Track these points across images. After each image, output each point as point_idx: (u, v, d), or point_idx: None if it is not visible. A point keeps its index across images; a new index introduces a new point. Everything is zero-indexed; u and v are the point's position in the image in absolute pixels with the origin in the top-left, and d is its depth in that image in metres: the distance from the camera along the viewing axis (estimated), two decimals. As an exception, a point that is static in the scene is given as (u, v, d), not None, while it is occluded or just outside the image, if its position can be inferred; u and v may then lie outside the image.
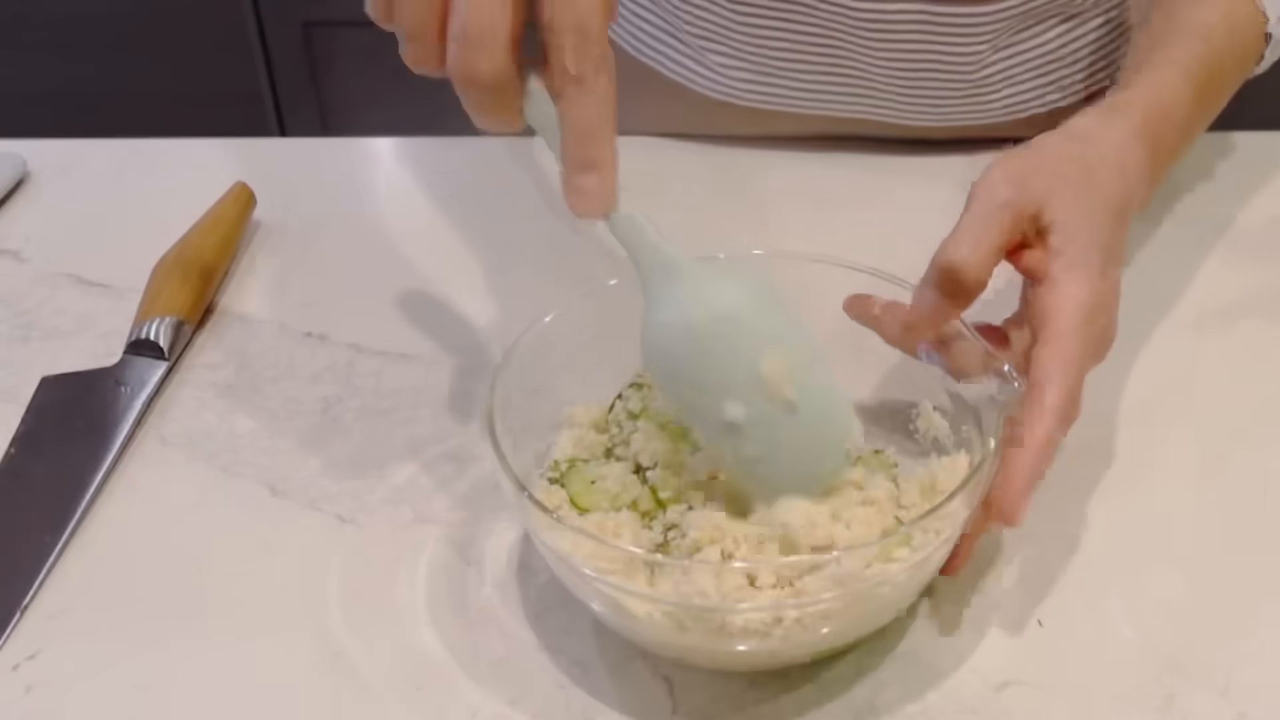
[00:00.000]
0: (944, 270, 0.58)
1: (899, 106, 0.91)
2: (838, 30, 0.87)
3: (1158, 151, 0.67)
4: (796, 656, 0.56)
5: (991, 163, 0.62)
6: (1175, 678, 0.56)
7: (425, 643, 0.60)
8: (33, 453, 0.71)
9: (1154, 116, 0.67)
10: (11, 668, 0.60)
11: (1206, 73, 0.72)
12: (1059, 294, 0.58)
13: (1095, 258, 0.60)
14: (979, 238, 0.58)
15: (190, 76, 2.06)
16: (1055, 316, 0.58)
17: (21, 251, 0.89)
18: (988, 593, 0.61)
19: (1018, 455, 0.55)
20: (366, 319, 0.80)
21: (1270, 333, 0.76)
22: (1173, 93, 0.70)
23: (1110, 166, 0.63)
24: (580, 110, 0.49)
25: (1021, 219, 0.59)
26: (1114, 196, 0.62)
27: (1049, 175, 0.61)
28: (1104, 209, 0.61)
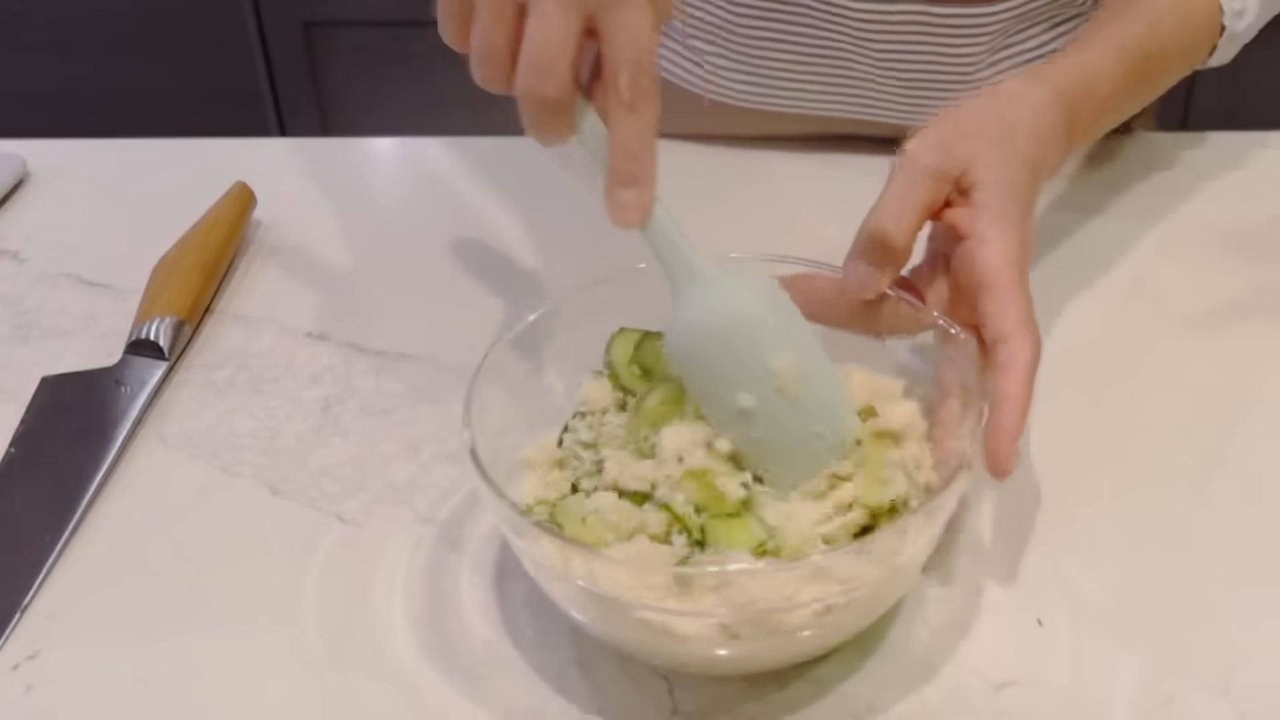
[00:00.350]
0: (871, 239, 0.61)
1: (896, 108, 0.91)
2: (835, 31, 0.87)
3: (1074, 120, 0.69)
4: (829, 644, 0.57)
5: (917, 130, 0.65)
6: (1175, 678, 0.56)
7: (424, 642, 0.60)
8: (33, 453, 0.71)
9: (1075, 88, 0.70)
10: (11, 668, 0.60)
11: (1144, 54, 0.74)
12: (991, 248, 0.61)
13: (1016, 212, 0.62)
14: (903, 204, 0.62)
15: (190, 76, 2.06)
16: (996, 272, 0.60)
17: (21, 251, 0.89)
18: (987, 593, 0.61)
19: (1007, 409, 0.57)
20: (366, 319, 0.80)
21: (1270, 333, 0.76)
22: (1101, 69, 0.72)
23: (1028, 126, 0.66)
24: (628, 132, 0.54)
25: (945, 182, 0.63)
26: (1030, 155, 0.65)
27: (972, 137, 0.64)
28: (1021, 166, 0.64)
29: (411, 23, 2.02)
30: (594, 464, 0.59)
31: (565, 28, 0.52)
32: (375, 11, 2.02)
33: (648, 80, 0.54)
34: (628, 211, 0.55)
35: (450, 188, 0.94)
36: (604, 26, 0.53)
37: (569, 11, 0.52)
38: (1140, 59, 0.74)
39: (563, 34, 0.52)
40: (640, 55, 0.53)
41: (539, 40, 0.52)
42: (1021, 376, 0.58)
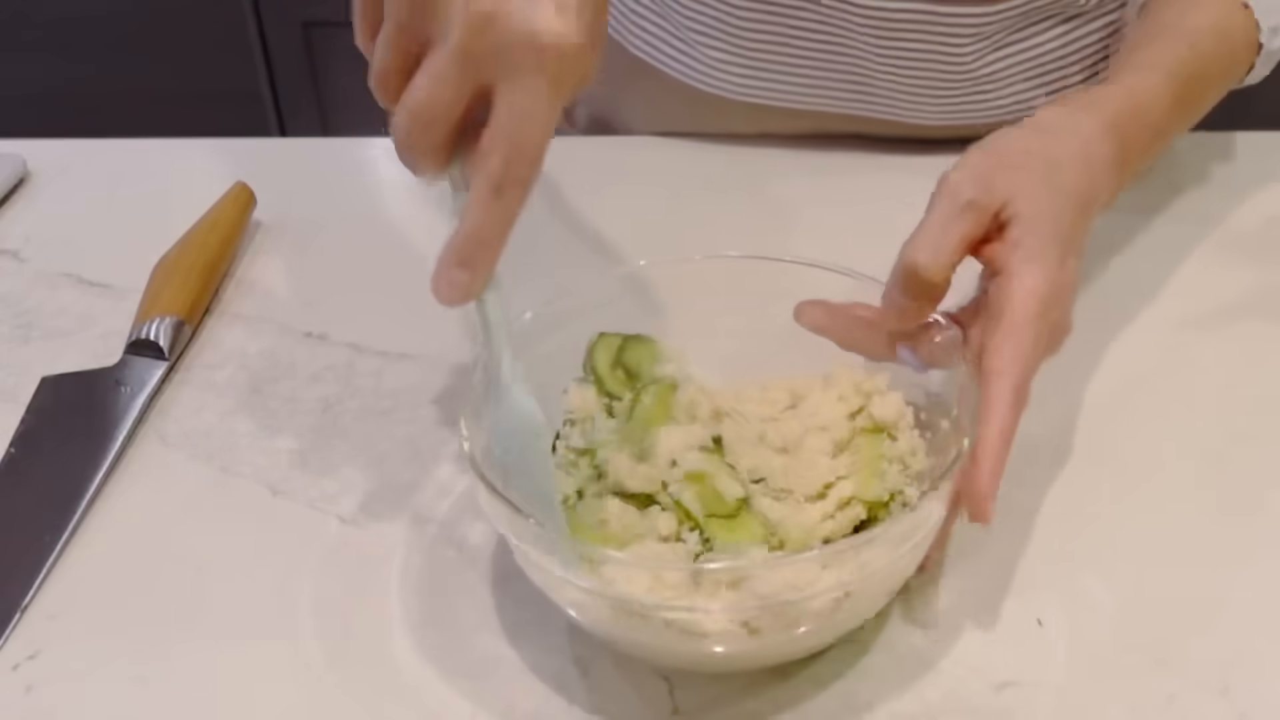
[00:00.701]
0: (907, 273, 0.59)
1: (897, 104, 0.91)
2: (837, 26, 0.87)
3: (1126, 149, 0.67)
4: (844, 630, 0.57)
5: (957, 161, 0.63)
6: (1175, 678, 0.56)
7: (425, 642, 0.60)
8: (33, 453, 0.71)
9: (1126, 114, 0.68)
10: (11, 668, 0.60)
11: (1188, 77, 0.72)
12: (1015, 285, 0.59)
13: (1054, 250, 0.60)
14: (941, 239, 0.60)
15: (190, 76, 2.06)
16: (1010, 308, 0.59)
17: (21, 251, 0.89)
18: (988, 593, 0.61)
19: (980, 451, 0.56)
20: (366, 319, 0.80)
21: (1269, 333, 0.76)
22: (1150, 94, 0.70)
23: (1075, 159, 0.64)
24: (483, 216, 0.52)
25: (985, 216, 0.60)
26: (1077, 189, 0.63)
27: (1012, 170, 0.62)
28: (1066, 201, 0.62)
29: (411, 23, 2.02)
30: (593, 469, 0.59)
31: (454, 92, 0.51)
32: (375, 11, 2.02)
33: (524, 168, 0.52)
34: (454, 291, 0.54)
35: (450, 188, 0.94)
36: (496, 100, 0.51)
37: (463, 76, 0.51)
38: (1186, 82, 0.72)
39: (449, 98, 0.51)
40: (524, 141, 0.51)
41: (424, 94, 0.51)
42: (997, 419, 0.56)
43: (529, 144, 0.51)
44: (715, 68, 0.93)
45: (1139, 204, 0.88)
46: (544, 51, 0.50)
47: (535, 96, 0.51)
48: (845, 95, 0.92)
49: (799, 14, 0.88)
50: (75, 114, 2.06)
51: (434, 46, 0.51)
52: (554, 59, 0.50)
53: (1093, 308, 0.79)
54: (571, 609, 0.55)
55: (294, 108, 2.11)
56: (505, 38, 0.50)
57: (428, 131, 0.52)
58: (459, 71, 0.51)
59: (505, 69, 0.50)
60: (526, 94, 0.51)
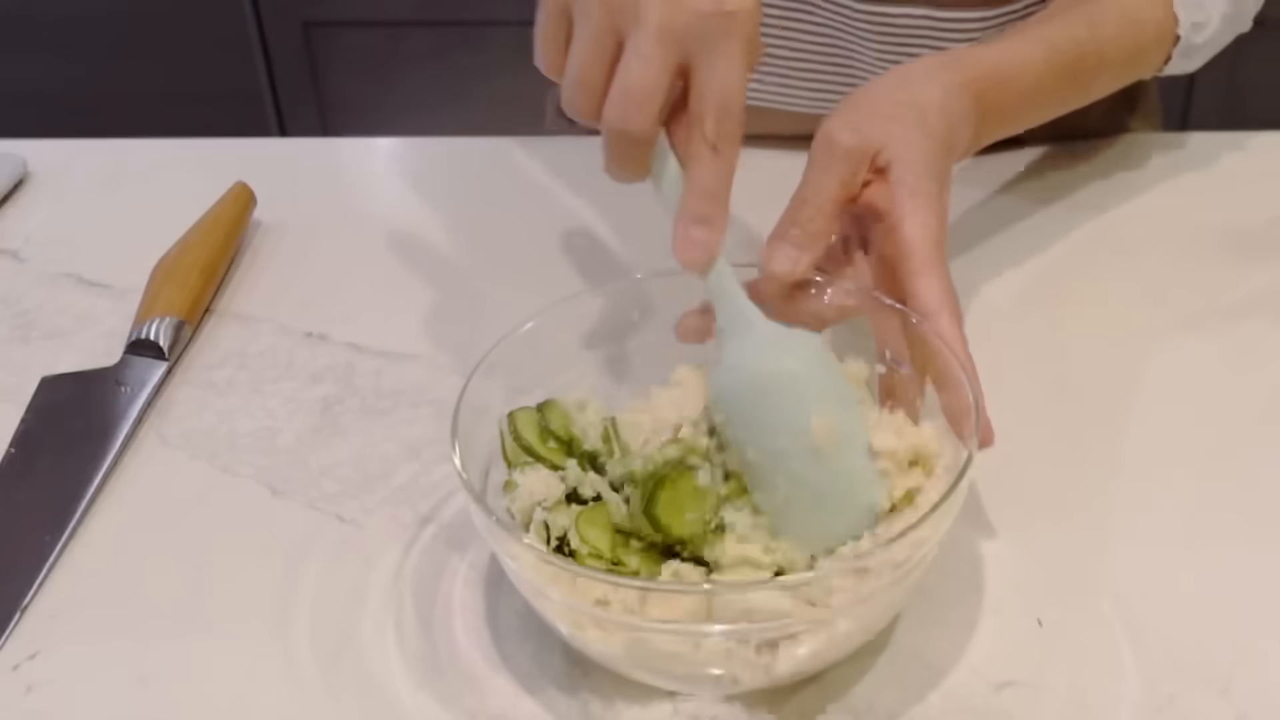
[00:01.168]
0: (790, 217, 0.63)
1: None
2: (840, 32, 0.87)
3: (984, 108, 0.71)
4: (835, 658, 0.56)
5: (830, 113, 0.66)
6: (1175, 678, 0.56)
7: (425, 643, 0.60)
8: (33, 453, 0.71)
9: (987, 79, 0.71)
10: (11, 668, 0.60)
11: (1078, 54, 0.76)
12: (910, 223, 0.62)
13: (932, 187, 0.64)
14: (820, 183, 0.63)
15: (190, 76, 2.06)
16: (917, 247, 0.62)
17: (21, 251, 0.89)
18: (988, 593, 0.61)
19: (966, 379, 0.58)
20: (366, 319, 0.80)
21: (1271, 332, 0.76)
22: (1022, 62, 0.73)
23: (936, 107, 0.68)
24: (708, 172, 0.55)
25: (862, 161, 0.64)
26: (942, 135, 0.67)
27: (886, 119, 0.66)
28: (935, 146, 0.66)
29: (411, 23, 2.02)
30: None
31: (661, 67, 0.53)
32: (375, 11, 2.03)
33: (733, 125, 0.55)
34: (696, 249, 0.56)
35: (450, 188, 0.94)
36: (697, 70, 0.54)
37: (667, 52, 0.53)
38: (1074, 59, 0.75)
39: (658, 74, 0.53)
40: (729, 101, 0.54)
41: (634, 77, 0.53)
42: (959, 350, 0.59)
43: (734, 102, 0.54)
44: None
45: (1138, 204, 0.88)
46: (732, 18, 0.54)
47: (731, 60, 0.54)
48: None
49: (800, 17, 0.88)
50: (75, 114, 2.06)
51: (630, 34, 0.54)
52: (741, 23, 0.54)
53: (1094, 308, 0.79)
54: (560, 625, 0.55)
55: (294, 108, 2.12)
56: (697, 9, 0.53)
57: (643, 110, 0.54)
58: (663, 49, 0.53)
59: (702, 39, 0.54)
60: (724, 58, 0.54)
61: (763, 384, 0.56)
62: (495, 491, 0.60)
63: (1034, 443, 0.68)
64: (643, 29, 0.53)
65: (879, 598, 0.53)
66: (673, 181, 0.57)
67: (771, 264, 0.63)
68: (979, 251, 0.85)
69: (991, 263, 0.83)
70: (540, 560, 0.53)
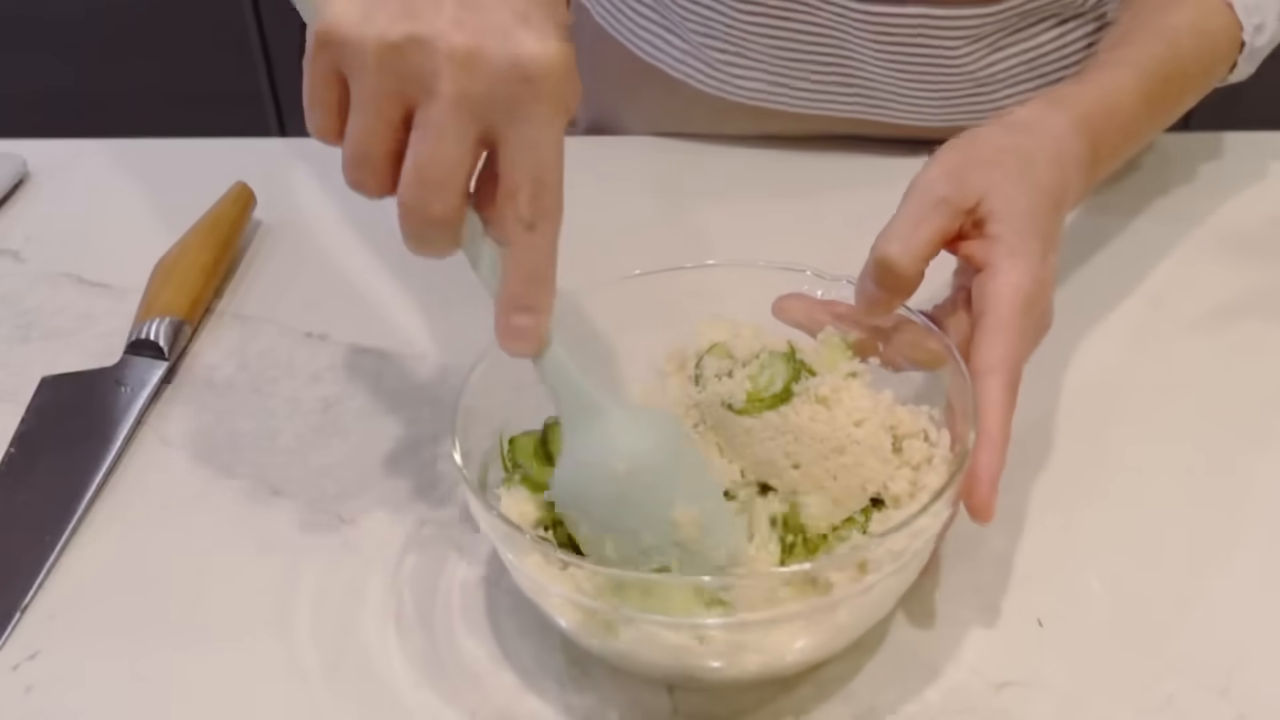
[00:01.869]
0: (879, 264, 0.60)
1: (898, 107, 0.91)
2: (838, 31, 0.87)
3: (1097, 147, 0.67)
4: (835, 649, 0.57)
5: (930, 157, 0.63)
6: (1175, 678, 0.56)
7: (424, 643, 0.60)
8: (33, 453, 0.71)
9: (1097, 113, 0.68)
10: (11, 668, 0.60)
11: (1164, 75, 0.72)
12: (1000, 281, 0.59)
13: (1035, 245, 0.60)
14: (912, 233, 0.60)
15: (190, 76, 2.06)
16: (996, 305, 0.58)
17: (21, 251, 0.89)
18: (988, 593, 0.61)
19: (981, 451, 0.55)
20: (366, 319, 0.80)
21: (1269, 333, 0.76)
22: (1121, 93, 0.70)
23: (1048, 156, 0.64)
24: (528, 255, 0.51)
25: (958, 213, 0.61)
26: (1050, 186, 0.63)
27: (986, 166, 0.62)
28: (1041, 197, 0.62)
29: (411, 23, 2.02)
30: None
31: (460, 143, 0.48)
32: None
33: (550, 198, 0.50)
34: (522, 339, 0.52)
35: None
36: (504, 141, 0.49)
37: (466, 124, 0.48)
38: (1161, 81, 0.72)
39: (457, 150, 0.49)
40: (543, 172, 0.49)
41: (429, 156, 0.48)
42: (991, 419, 0.56)
43: (549, 174, 0.50)
44: (718, 69, 0.93)
45: (1138, 205, 0.87)
46: (537, 78, 0.48)
47: (539, 126, 0.49)
48: (847, 98, 0.92)
49: (799, 17, 0.88)
50: (75, 114, 2.06)
51: (421, 104, 0.48)
52: (546, 85, 0.48)
53: (1092, 307, 0.79)
54: (561, 620, 0.55)
55: (294, 108, 2.09)
56: (495, 73, 0.48)
57: (443, 191, 0.49)
58: (460, 121, 0.48)
59: (505, 107, 0.48)
60: (532, 125, 0.49)
61: (619, 485, 0.53)
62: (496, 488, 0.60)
63: (1034, 442, 0.68)
64: (436, 99, 0.48)
65: (879, 587, 0.53)
66: (489, 264, 0.52)
67: (857, 305, 0.61)
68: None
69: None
70: (544, 557, 0.53)
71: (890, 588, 0.55)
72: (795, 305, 0.63)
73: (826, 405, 0.58)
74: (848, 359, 0.60)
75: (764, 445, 0.58)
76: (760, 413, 0.58)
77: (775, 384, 0.58)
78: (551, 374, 0.54)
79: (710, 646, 0.52)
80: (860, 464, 0.57)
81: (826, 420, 0.57)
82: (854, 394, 0.58)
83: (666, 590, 0.52)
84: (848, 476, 0.57)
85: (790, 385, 0.58)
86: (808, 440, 0.57)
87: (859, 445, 0.57)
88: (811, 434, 0.57)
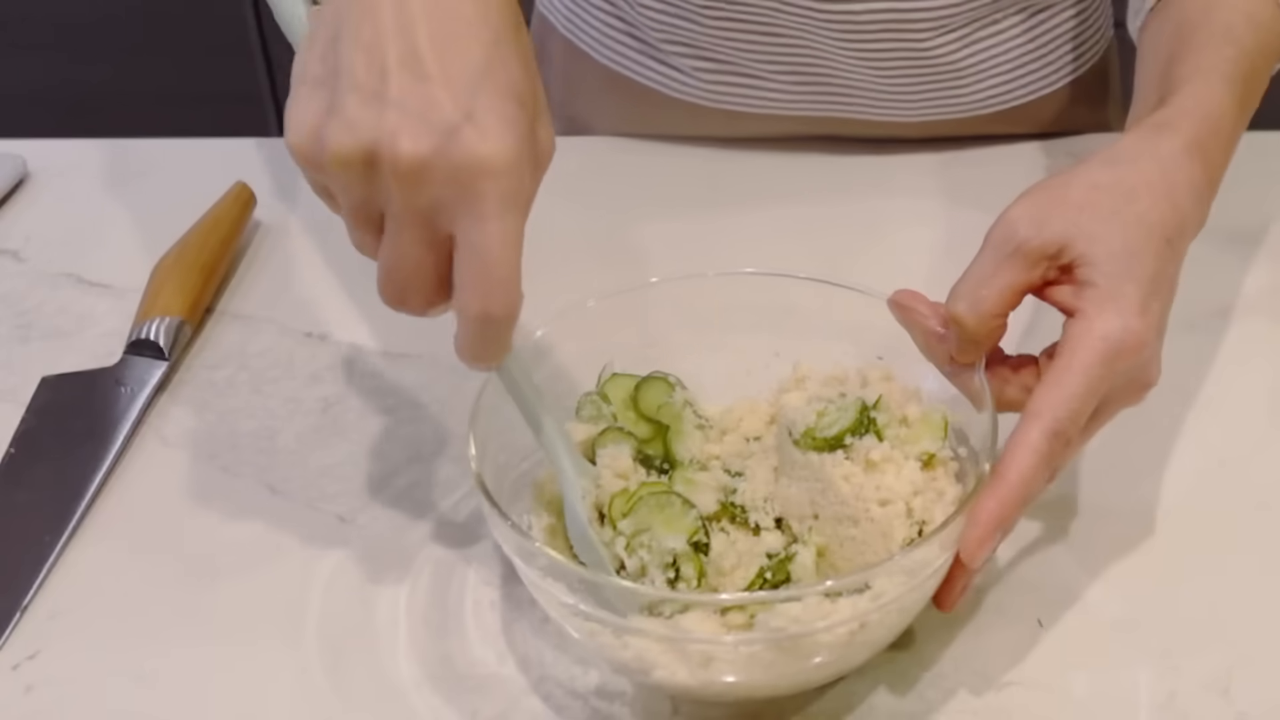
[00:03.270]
0: (951, 320, 0.57)
1: (872, 104, 0.90)
2: (806, 32, 0.87)
3: (1210, 167, 0.62)
4: (852, 664, 0.56)
5: (1021, 195, 0.59)
6: (1175, 678, 0.56)
7: (424, 644, 0.60)
8: (33, 453, 0.71)
9: (1204, 132, 0.63)
10: (11, 668, 0.60)
11: (1243, 77, 0.68)
12: (1083, 328, 0.55)
13: (1131, 291, 0.56)
14: (981, 289, 0.57)
15: (190, 76, 2.06)
16: (1068, 352, 0.55)
17: (21, 251, 0.89)
18: (988, 593, 0.61)
19: (986, 493, 0.53)
20: (366, 319, 0.80)
21: (1270, 333, 0.76)
22: (1216, 104, 0.64)
23: (1155, 189, 0.59)
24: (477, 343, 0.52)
25: (1038, 261, 0.57)
26: (1159, 222, 0.58)
27: (1074, 209, 0.57)
28: (1144, 236, 0.57)
29: (411, 23, 2.02)
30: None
31: (415, 246, 0.50)
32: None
33: (503, 299, 0.50)
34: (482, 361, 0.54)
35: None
36: (455, 241, 0.50)
37: (418, 230, 0.50)
38: (1242, 82, 0.67)
39: (414, 253, 0.50)
40: (493, 273, 0.49)
41: (391, 261, 0.51)
42: (1017, 460, 0.53)
43: (500, 273, 0.50)
44: (686, 74, 0.92)
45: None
46: (482, 181, 0.49)
47: (490, 222, 0.49)
48: (820, 98, 0.91)
49: (768, 22, 0.87)
50: (75, 114, 2.06)
51: (385, 210, 0.50)
52: (496, 184, 0.49)
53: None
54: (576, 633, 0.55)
55: (294, 108, 2.11)
56: (441, 182, 0.49)
57: (414, 295, 0.52)
58: (411, 233, 0.50)
59: (452, 211, 0.49)
60: (482, 225, 0.49)
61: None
62: (502, 491, 0.59)
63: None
64: (390, 207, 0.50)
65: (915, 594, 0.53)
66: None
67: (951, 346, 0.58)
68: (974, 250, 0.85)
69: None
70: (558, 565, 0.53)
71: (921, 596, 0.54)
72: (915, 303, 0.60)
73: (868, 471, 0.56)
74: (935, 439, 0.58)
75: (799, 483, 0.58)
76: (807, 449, 0.57)
77: (832, 429, 0.57)
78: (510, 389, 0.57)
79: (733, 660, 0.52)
80: (866, 543, 0.56)
81: (856, 485, 0.56)
82: (902, 473, 0.56)
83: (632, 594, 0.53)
84: (851, 550, 0.56)
85: (844, 435, 0.57)
86: (831, 497, 0.56)
87: (873, 524, 0.55)
88: (836, 492, 0.56)
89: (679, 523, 0.56)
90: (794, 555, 0.56)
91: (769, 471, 0.59)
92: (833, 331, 0.64)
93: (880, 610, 0.51)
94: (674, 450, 0.62)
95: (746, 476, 0.59)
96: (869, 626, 0.52)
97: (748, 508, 0.58)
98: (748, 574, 0.56)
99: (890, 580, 0.51)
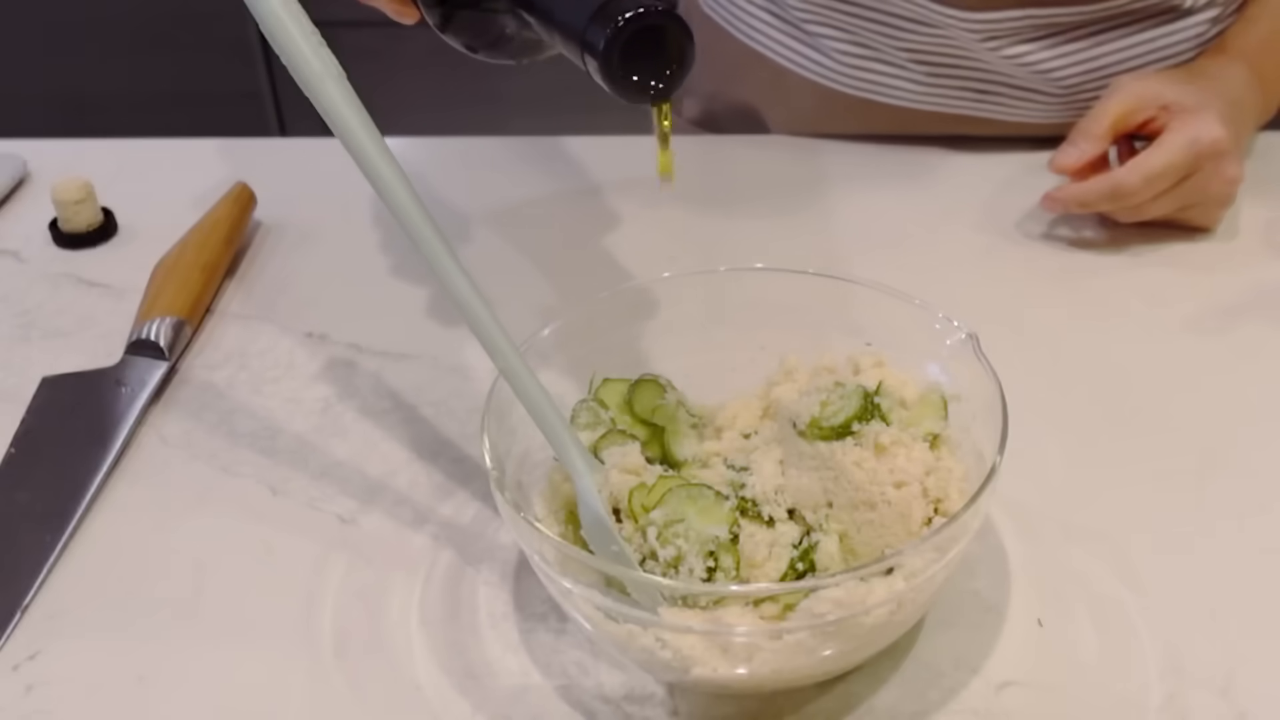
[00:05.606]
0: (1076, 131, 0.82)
1: (1009, 104, 0.92)
2: (954, 38, 0.88)
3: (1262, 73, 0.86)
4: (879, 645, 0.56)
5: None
6: (1175, 678, 0.56)
7: (424, 643, 0.60)
8: (33, 453, 0.71)
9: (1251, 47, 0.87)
10: (11, 668, 0.60)
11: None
12: (1173, 130, 0.78)
13: (1212, 112, 0.78)
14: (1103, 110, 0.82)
15: (190, 76, 2.06)
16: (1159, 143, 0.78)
17: (21, 251, 0.89)
18: (987, 593, 0.61)
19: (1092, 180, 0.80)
20: (366, 319, 0.80)
21: (1270, 333, 0.76)
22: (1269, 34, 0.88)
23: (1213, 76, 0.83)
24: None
25: (1138, 100, 0.81)
26: (1220, 90, 0.82)
27: (1166, 78, 0.83)
28: (1212, 93, 0.81)
29: (411, 23, 2.02)
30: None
31: None
32: (375, 11, 2.02)
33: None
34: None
35: (451, 188, 0.94)
36: None
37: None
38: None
39: None
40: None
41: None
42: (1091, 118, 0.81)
43: None
44: (831, 57, 0.93)
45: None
46: None
47: None
48: (954, 94, 0.92)
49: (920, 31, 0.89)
50: (75, 114, 2.06)
51: None
52: None
53: (1093, 308, 0.79)
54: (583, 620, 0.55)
55: (294, 108, 2.11)
56: None
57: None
58: None
59: None
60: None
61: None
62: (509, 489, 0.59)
63: (1034, 443, 0.68)
64: None
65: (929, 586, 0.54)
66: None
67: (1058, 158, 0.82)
68: (973, 250, 0.85)
69: (991, 262, 0.84)
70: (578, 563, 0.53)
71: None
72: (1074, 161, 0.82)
73: (879, 456, 0.57)
74: (938, 419, 0.59)
75: (809, 473, 0.58)
76: (814, 440, 0.58)
77: (838, 417, 0.58)
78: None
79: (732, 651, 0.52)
80: (885, 526, 0.56)
81: (870, 470, 0.57)
82: (913, 454, 0.57)
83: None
84: (870, 534, 0.57)
85: (851, 422, 0.58)
86: (845, 484, 0.57)
87: (890, 507, 0.56)
88: (850, 479, 0.57)
89: (715, 513, 0.56)
90: (817, 544, 0.56)
91: (774, 464, 0.59)
92: (815, 321, 0.64)
93: (914, 590, 0.52)
94: (673, 451, 0.62)
95: (753, 470, 0.59)
96: (904, 606, 0.53)
97: (759, 501, 0.58)
98: (779, 565, 0.56)
99: (921, 559, 0.52)
